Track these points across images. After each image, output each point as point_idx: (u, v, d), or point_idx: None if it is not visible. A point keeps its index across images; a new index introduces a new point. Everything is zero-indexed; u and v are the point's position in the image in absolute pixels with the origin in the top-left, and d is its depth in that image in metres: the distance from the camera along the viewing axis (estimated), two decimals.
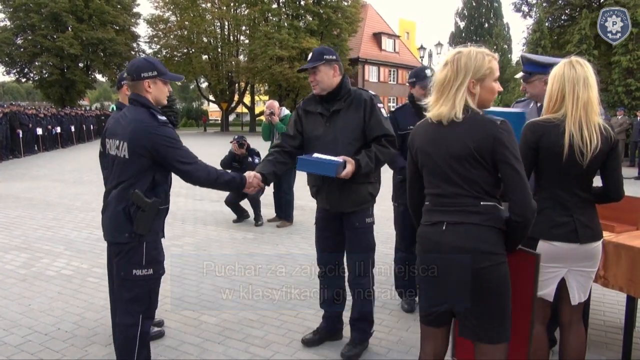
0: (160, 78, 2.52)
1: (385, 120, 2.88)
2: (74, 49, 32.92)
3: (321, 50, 2.94)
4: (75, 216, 7.15)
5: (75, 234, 6.06)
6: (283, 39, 31.11)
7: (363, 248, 2.97)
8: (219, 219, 7.08)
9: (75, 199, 8.56)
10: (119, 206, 2.44)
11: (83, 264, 4.88)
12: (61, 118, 21.39)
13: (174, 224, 6.55)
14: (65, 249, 5.39)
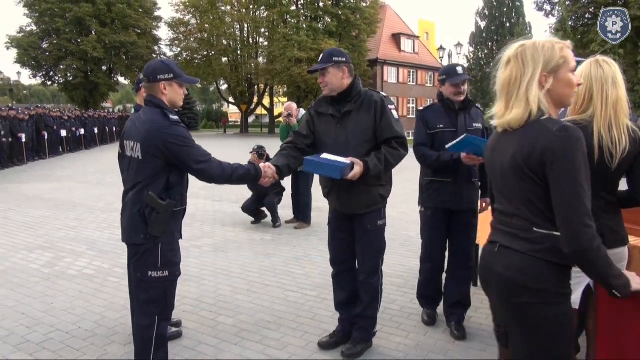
0: (176, 80, 2.53)
1: (397, 122, 2.88)
2: (97, 52, 33.61)
3: (331, 52, 2.96)
4: (98, 217, 7.28)
5: (98, 235, 6.17)
6: (302, 40, 31.21)
7: (374, 250, 2.99)
8: (237, 220, 7.12)
9: (98, 200, 8.72)
10: (135, 208, 2.47)
11: (104, 263, 4.96)
12: (85, 120, 21.83)
13: (193, 225, 6.61)
14: (87, 249, 5.49)
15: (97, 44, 33.90)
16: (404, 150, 2.88)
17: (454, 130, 3.26)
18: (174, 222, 2.52)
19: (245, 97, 41.26)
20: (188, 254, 5.22)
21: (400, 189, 9.58)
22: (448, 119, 3.28)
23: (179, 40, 40.15)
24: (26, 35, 35.45)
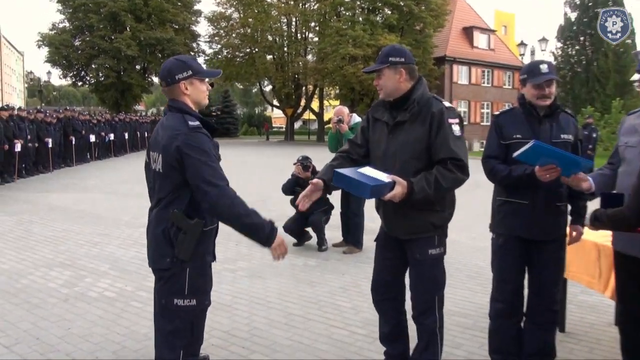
0: (196, 77, 2.56)
1: (456, 140, 2.81)
2: (131, 50, 35.30)
3: (388, 50, 2.95)
4: (123, 232, 7.53)
5: (122, 252, 6.36)
6: (357, 35, 31.39)
7: (426, 284, 2.94)
8: None
9: (124, 213, 9.04)
10: (159, 228, 2.49)
11: (127, 285, 5.09)
12: (115, 124, 22.86)
13: (227, 245, 6.69)
14: (109, 268, 5.67)
15: (131, 41, 35.64)
16: (462, 174, 2.81)
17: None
18: (203, 244, 2.52)
19: (291, 99, 41.92)
20: (220, 278, 5.25)
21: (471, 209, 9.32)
22: (528, 128, 3.08)
23: (220, 36, 41.47)
24: (58, 32, 37.84)
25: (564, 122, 3.10)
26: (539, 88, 3.05)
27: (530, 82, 3.08)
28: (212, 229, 2.59)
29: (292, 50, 40.07)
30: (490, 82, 38.93)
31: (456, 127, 2.83)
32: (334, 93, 41.57)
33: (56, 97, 79.23)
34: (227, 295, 4.84)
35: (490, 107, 38.83)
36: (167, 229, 2.46)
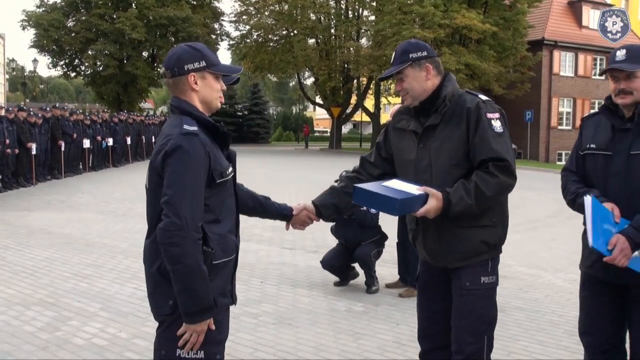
0: (210, 70, 2.64)
1: (497, 137, 2.97)
2: (137, 32, 36.33)
3: (405, 47, 3.15)
4: (119, 263, 7.73)
5: (116, 288, 6.52)
6: (426, 12, 31.38)
7: (475, 321, 3.05)
8: (315, 278, 7.18)
9: (121, 239, 9.28)
10: (154, 265, 2.56)
11: (122, 331, 5.20)
12: (115, 126, 23.51)
13: (250, 283, 6.77)
14: (100, 308, 5.81)
15: (137, 21, 36.69)
16: (508, 177, 2.96)
17: (608, 155, 3.12)
18: (215, 281, 2.56)
19: (338, 96, 42.17)
20: (239, 326, 5.31)
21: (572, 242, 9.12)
22: (607, 136, 3.17)
23: (249, 14, 42.25)
24: (47, 10, 39.31)
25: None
26: (614, 80, 3.13)
27: (610, 74, 3.18)
28: (227, 262, 2.63)
29: (341, 32, 40.40)
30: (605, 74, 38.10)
31: (497, 122, 3.00)
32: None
33: (44, 92, 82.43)
34: (247, 348, 4.89)
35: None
36: (163, 264, 2.49)
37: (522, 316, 5.83)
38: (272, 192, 11.65)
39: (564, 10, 38.14)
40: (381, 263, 7.02)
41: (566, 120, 37.00)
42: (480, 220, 3.03)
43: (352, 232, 6.67)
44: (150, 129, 28.47)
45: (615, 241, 2.90)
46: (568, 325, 5.60)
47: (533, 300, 6.40)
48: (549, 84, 35.78)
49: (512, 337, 5.27)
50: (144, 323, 5.35)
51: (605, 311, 3.24)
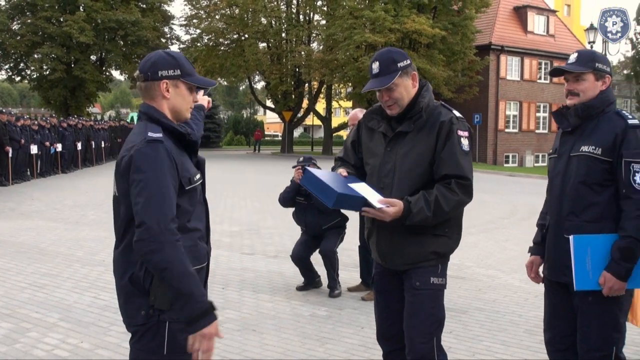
0: (184, 80, 2.62)
1: (464, 155, 3.08)
2: (85, 36, 35.68)
3: (390, 56, 3.16)
4: (76, 271, 7.55)
5: (75, 298, 6.37)
6: (377, 17, 31.66)
7: (424, 320, 3.15)
8: (277, 283, 7.16)
9: (76, 247, 9.07)
10: (125, 276, 2.52)
11: (83, 341, 5.08)
12: (63, 131, 23.01)
13: (212, 290, 6.66)
14: (60, 319, 5.66)
15: (85, 24, 36.03)
16: (467, 196, 3.09)
17: (556, 157, 3.37)
18: None
19: (290, 100, 42.19)
20: None
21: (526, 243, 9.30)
22: (558, 139, 3.41)
23: (199, 18, 41.92)
24: None
25: (599, 128, 3.18)
26: (566, 81, 3.29)
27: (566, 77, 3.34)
28: (199, 270, 2.60)
29: (292, 36, 40.42)
30: (549, 78, 39.04)
31: (465, 140, 3.11)
32: (345, 92, 41.79)
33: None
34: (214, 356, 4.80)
35: (548, 109, 38.90)
36: (135, 273, 2.48)
37: (483, 317, 5.92)
38: (228, 196, 11.64)
39: (510, 16, 38.97)
40: (342, 267, 7.04)
41: (513, 123, 37.78)
42: (433, 229, 3.13)
43: (311, 217, 6.69)
44: (100, 134, 27.99)
45: (603, 281, 3.07)
46: (528, 325, 5.71)
47: (492, 301, 6.51)
48: (496, 87, 36.50)
49: (475, 337, 5.35)
50: (106, 333, 5.26)
51: (561, 310, 3.36)
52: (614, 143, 3.07)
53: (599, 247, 3.07)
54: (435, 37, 31.19)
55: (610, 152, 3.08)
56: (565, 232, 3.18)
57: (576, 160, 3.18)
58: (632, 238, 3.00)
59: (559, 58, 38.61)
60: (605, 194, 3.11)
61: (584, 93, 3.19)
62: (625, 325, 3.28)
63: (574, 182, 3.17)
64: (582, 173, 3.14)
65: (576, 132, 3.23)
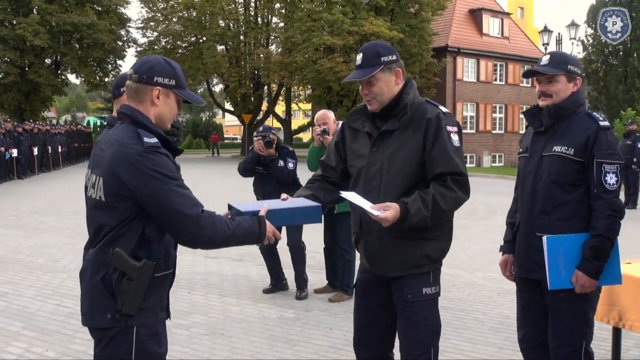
0: (176, 92, 2.62)
1: (455, 151, 2.99)
2: (39, 39, 34.93)
3: (375, 49, 3.07)
4: (38, 279, 7.42)
5: (38, 306, 6.26)
6: (335, 20, 31.78)
7: (421, 333, 3.05)
8: (243, 287, 7.14)
9: (37, 254, 8.90)
10: (97, 275, 2.50)
11: (48, 350, 5.00)
12: (19, 136, 22.55)
13: (177, 294, 6.64)
14: (23, 327, 5.56)
15: (39, 26, 35.27)
16: (463, 193, 2.99)
17: (527, 157, 3.42)
18: (156, 295, 2.55)
19: (249, 102, 42.01)
20: (172, 338, 5.17)
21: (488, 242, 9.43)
22: (529, 139, 3.45)
23: (156, 21, 41.44)
24: None
25: (571, 129, 3.27)
26: (538, 83, 3.36)
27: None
28: (166, 276, 2.61)
29: (251, 39, 40.27)
30: (504, 79, 39.72)
31: (455, 136, 3.02)
32: (304, 94, 41.85)
33: None
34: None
35: (504, 110, 39.55)
36: (108, 274, 2.47)
37: (448, 315, 5.99)
38: None
39: (466, 19, 39.48)
40: (308, 269, 7.04)
41: (470, 124, 38.26)
42: (424, 233, 3.02)
43: (270, 187, 6.67)
44: (57, 138, 27.47)
45: (575, 280, 3.15)
46: (492, 322, 5.82)
47: (457, 300, 6.60)
48: (453, 89, 36.93)
49: (442, 336, 5.34)
50: (72, 340, 5.18)
51: (533, 308, 3.42)
52: (585, 144, 3.16)
53: (571, 246, 3.14)
54: (393, 40, 31.37)
55: (582, 152, 3.17)
56: (536, 230, 3.25)
57: (548, 159, 3.25)
58: (602, 237, 3.10)
59: (513, 60, 39.37)
60: (576, 193, 3.20)
61: (557, 94, 3.26)
62: (594, 321, 3.37)
63: (545, 181, 3.25)
64: (554, 172, 3.22)
65: (548, 132, 3.31)
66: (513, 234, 3.50)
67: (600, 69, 39.37)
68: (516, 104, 39.17)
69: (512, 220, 3.55)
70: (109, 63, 41.30)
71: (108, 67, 41.22)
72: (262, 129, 6.99)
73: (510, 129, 39.30)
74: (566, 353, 3.23)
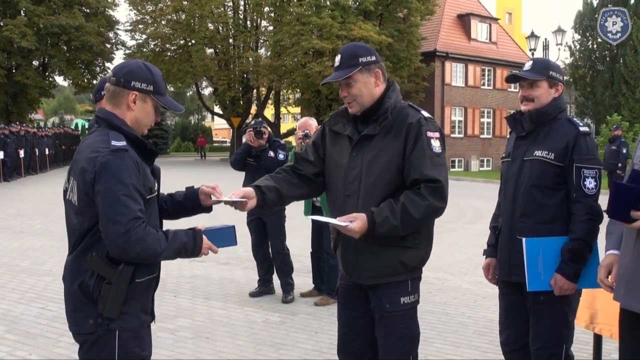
0: (153, 97, 2.62)
1: (434, 157, 2.93)
2: (26, 40, 34.72)
3: (353, 50, 3.05)
4: (22, 282, 7.38)
5: (21, 309, 6.23)
6: (324, 24, 31.82)
7: (399, 342, 3.04)
8: (229, 290, 7.13)
9: (21, 257, 8.86)
10: (75, 283, 2.52)
11: (32, 354, 4.98)
12: (5, 138, 22.38)
13: (162, 298, 6.63)
14: (6, 331, 5.53)
15: (27, 28, 35.05)
16: (438, 201, 2.90)
17: (509, 161, 3.48)
18: (139, 299, 2.57)
19: (238, 106, 41.97)
20: (157, 342, 5.17)
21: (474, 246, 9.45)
22: (511, 144, 3.50)
23: (145, 23, 41.33)
24: None
25: (552, 134, 3.31)
26: (521, 88, 3.41)
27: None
28: (149, 280, 2.62)
29: (240, 42, 40.25)
30: (492, 84, 39.92)
31: (436, 142, 2.96)
32: (293, 98, 41.82)
33: None
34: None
35: (492, 115, 39.72)
36: (86, 281, 2.48)
37: (433, 319, 6.02)
38: None
39: (454, 24, 39.65)
40: (294, 273, 7.05)
41: (458, 129, 38.40)
42: (401, 241, 2.96)
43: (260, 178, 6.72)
44: (44, 141, 27.32)
45: (554, 282, 3.17)
46: (477, 326, 5.84)
47: (442, 303, 6.62)
48: (441, 93, 37.05)
49: (426, 339, 5.41)
50: (56, 344, 5.16)
51: (516, 311, 3.46)
52: (565, 149, 3.20)
53: (550, 249, 3.17)
54: (382, 44, 31.46)
55: (562, 157, 3.21)
56: (517, 234, 3.28)
57: (529, 164, 3.30)
58: (581, 240, 3.14)
59: (501, 65, 39.56)
60: (556, 197, 3.24)
61: (538, 99, 3.31)
62: (574, 324, 3.40)
63: (526, 185, 3.29)
64: (535, 176, 3.26)
65: (529, 137, 3.35)
66: (496, 237, 3.52)
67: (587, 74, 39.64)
68: (504, 109, 39.32)
69: (495, 224, 3.58)
70: (97, 65, 41.09)
71: (96, 69, 40.98)
72: (254, 121, 7.05)
73: (499, 133, 39.45)
74: (547, 355, 3.26)
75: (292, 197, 3.16)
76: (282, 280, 6.76)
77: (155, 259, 2.54)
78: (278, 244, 6.79)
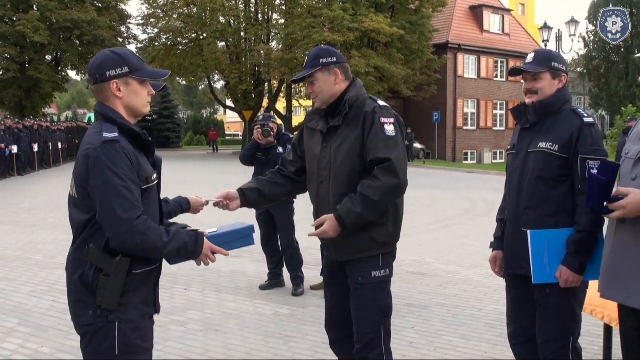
0: (134, 76, 2.61)
1: (387, 140, 3.22)
2: (39, 35, 34.92)
3: (316, 52, 3.41)
4: (35, 275, 7.44)
5: (34, 302, 6.28)
6: (336, 17, 31.76)
7: (370, 312, 3.33)
8: (240, 283, 7.15)
9: (34, 250, 8.92)
10: (76, 273, 2.54)
11: (43, 346, 5.02)
12: (19, 133, 22.55)
13: (174, 290, 6.67)
14: (19, 324, 5.58)
15: (39, 23, 35.27)
16: (389, 178, 3.18)
17: (514, 153, 3.49)
18: (139, 290, 2.58)
19: (250, 99, 41.97)
20: (167, 334, 5.25)
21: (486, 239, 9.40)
22: (516, 136, 3.52)
23: (157, 17, 41.41)
24: None
25: (556, 125, 3.30)
26: (524, 81, 3.41)
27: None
28: (149, 272, 2.63)
29: (251, 35, 40.20)
30: (505, 76, 39.70)
31: (390, 126, 3.27)
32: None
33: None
34: (177, 357, 4.82)
35: (505, 107, 39.52)
36: (86, 272, 2.51)
37: (444, 312, 6.01)
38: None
39: (467, 15, 39.49)
40: (304, 266, 7.06)
41: (471, 121, 38.31)
42: None
43: None
44: (57, 135, 27.49)
45: (559, 275, 3.17)
46: (487, 319, 5.82)
47: (453, 296, 6.61)
48: (454, 86, 36.96)
49: (437, 332, 5.43)
50: (67, 337, 5.18)
51: (522, 304, 3.46)
52: (570, 140, 3.18)
53: (555, 241, 3.16)
54: (394, 36, 31.42)
55: (566, 148, 3.19)
56: (522, 226, 3.28)
57: (534, 156, 3.28)
58: (586, 232, 3.11)
59: (514, 56, 39.32)
60: (561, 188, 3.22)
61: (542, 91, 3.29)
62: (581, 316, 3.38)
63: (531, 177, 3.27)
64: (539, 168, 3.24)
65: (534, 129, 3.34)
66: (502, 230, 3.51)
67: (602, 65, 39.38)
68: (517, 101, 38.75)
69: (501, 217, 3.57)
70: None
71: None
72: (262, 117, 7.06)
73: (512, 125, 39.18)
74: (553, 348, 3.25)
75: (276, 195, 3.61)
76: (291, 273, 6.78)
77: (155, 254, 2.55)
78: (287, 237, 6.80)
